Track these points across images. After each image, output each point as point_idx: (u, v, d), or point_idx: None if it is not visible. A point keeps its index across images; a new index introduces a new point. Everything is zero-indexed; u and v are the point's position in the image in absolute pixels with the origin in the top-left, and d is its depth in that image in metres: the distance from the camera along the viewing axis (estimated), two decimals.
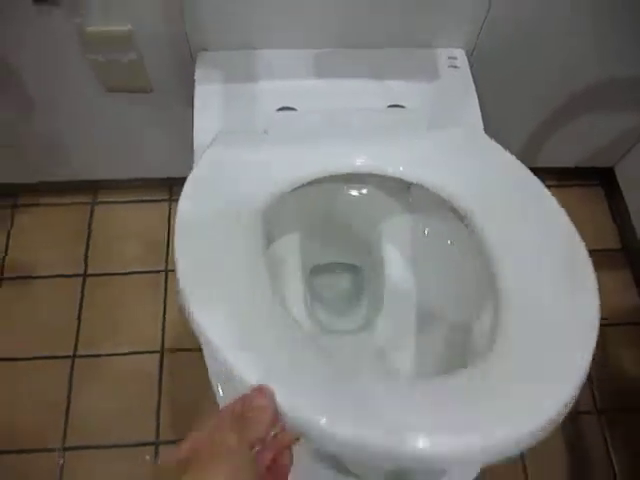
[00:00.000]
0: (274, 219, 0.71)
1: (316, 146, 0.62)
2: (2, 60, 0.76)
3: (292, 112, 0.66)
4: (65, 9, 0.68)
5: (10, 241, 1.05)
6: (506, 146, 1.02)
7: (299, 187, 0.67)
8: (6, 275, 1.03)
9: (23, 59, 0.77)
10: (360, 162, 0.65)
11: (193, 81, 0.70)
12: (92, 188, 1.10)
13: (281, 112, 0.66)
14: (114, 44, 0.73)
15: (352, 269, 0.87)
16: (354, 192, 0.75)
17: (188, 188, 0.57)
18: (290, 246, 0.77)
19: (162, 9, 0.69)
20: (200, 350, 0.50)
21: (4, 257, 1.04)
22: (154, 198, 1.10)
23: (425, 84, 0.72)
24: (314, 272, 0.84)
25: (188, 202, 0.56)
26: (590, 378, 0.98)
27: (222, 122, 0.66)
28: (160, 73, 0.80)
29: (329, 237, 0.81)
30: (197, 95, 0.69)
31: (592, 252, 1.08)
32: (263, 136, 0.64)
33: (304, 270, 0.77)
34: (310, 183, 0.69)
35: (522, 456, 0.92)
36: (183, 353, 0.97)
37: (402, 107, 0.69)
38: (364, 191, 0.74)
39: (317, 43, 0.72)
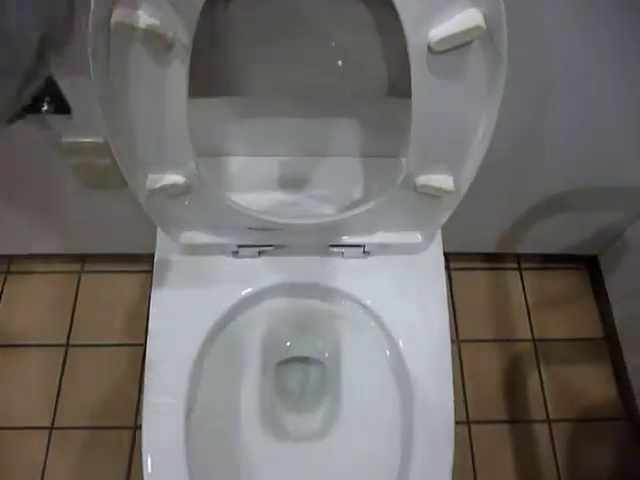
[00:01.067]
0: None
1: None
2: None
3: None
4: (38, 125, 0.72)
5: (1, 304, 1.09)
6: (489, 232, 1.03)
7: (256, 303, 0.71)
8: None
9: (10, 161, 0.80)
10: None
11: None
12: (79, 259, 1.13)
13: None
14: (89, 152, 0.76)
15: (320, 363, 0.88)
16: (312, 303, 0.76)
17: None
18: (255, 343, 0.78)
19: None
20: None
21: None
22: (137, 269, 1.13)
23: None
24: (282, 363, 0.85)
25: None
26: (559, 476, 0.97)
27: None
28: None
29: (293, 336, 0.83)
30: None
31: (575, 340, 1.08)
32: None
33: (266, 368, 0.78)
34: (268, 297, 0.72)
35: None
36: None
37: None
38: (322, 304, 0.75)
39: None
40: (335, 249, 0.70)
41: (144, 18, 0.41)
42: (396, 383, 0.70)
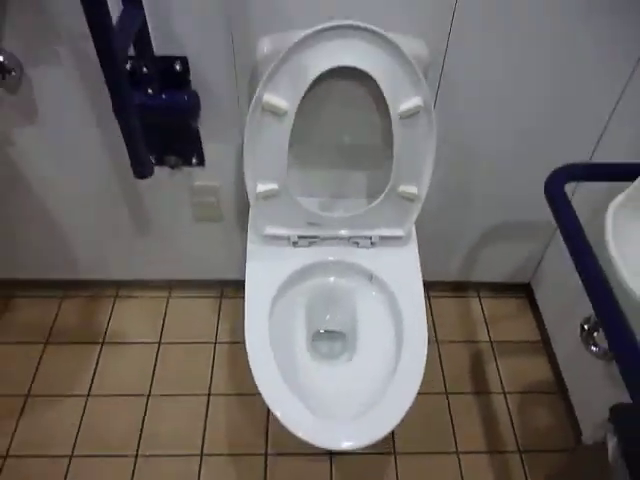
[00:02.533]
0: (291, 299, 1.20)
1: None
2: (140, 197, 1.33)
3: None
4: (183, 173, 1.26)
5: (112, 319, 1.54)
6: (451, 264, 1.52)
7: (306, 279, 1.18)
8: (107, 340, 1.50)
9: (154, 196, 1.33)
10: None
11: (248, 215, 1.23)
12: (168, 286, 1.61)
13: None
14: (206, 192, 1.30)
15: (340, 334, 1.31)
16: (341, 281, 1.23)
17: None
18: (300, 319, 1.22)
19: (235, 173, 1.26)
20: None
21: (107, 328, 1.52)
22: (209, 295, 1.60)
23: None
24: (316, 336, 1.29)
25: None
26: (513, 426, 1.36)
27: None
28: (229, 210, 1.35)
29: (326, 312, 1.28)
30: (251, 217, 1.21)
31: (520, 342, 1.52)
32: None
33: (309, 335, 1.22)
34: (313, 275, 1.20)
35: None
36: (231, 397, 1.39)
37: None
38: (344, 281, 1.23)
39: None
40: (353, 240, 1.20)
41: (277, 99, 0.96)
42: (393, 322, 1.15)
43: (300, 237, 1.19)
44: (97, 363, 1.46)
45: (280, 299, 1.15)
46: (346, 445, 0.94)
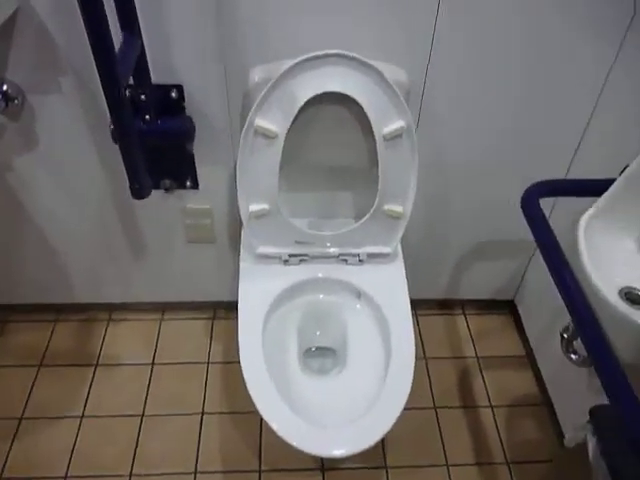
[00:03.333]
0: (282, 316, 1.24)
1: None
2: (135, 220, 1.37)
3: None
4: (176, 195, 1.30)
5: (105, 341, 1.57)
6: (438, 281, 1.57)
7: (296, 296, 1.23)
8: (101, 362, 1.52)
9: (148, 219, 1.37)
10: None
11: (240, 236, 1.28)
12: (161, 308, 1.64)
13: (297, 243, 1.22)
14: (199, 214, 1.34)
15: (331, 351, 1.35)
16: (330, 298, 1.28)
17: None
18: (292, 335, 1.26)
19: (227, 196, 1.31)
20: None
21: (100, 351, 1.54)
22: (202, 316, 1.63)
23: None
24: (307, 353, 1.33)
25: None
26: (500, 438, 1.39)
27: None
28: (221, 232, 1.40)
29: (316, 329, 1.32)
30: (244, 236, 1.26)
31: (505, 357, 1.56)
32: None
33: (300, 351, 1.26)
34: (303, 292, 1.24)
35: None
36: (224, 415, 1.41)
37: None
38: (334, 298, 1.27)
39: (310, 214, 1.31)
40: (342, 258, 1.24)
41: (266, 123, 1.02)
42: (381, 336, 1.19)
43: (291, 255, 1.23)
44: (91, 385, 1.47)
45: (272, 316, 1.19)
46: (338, 453, 0.97)
